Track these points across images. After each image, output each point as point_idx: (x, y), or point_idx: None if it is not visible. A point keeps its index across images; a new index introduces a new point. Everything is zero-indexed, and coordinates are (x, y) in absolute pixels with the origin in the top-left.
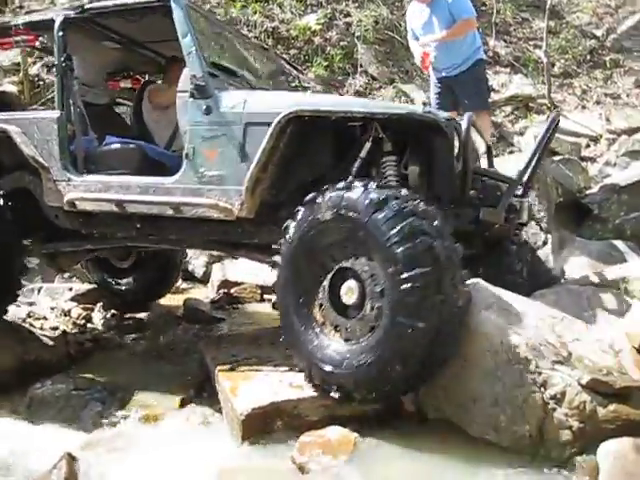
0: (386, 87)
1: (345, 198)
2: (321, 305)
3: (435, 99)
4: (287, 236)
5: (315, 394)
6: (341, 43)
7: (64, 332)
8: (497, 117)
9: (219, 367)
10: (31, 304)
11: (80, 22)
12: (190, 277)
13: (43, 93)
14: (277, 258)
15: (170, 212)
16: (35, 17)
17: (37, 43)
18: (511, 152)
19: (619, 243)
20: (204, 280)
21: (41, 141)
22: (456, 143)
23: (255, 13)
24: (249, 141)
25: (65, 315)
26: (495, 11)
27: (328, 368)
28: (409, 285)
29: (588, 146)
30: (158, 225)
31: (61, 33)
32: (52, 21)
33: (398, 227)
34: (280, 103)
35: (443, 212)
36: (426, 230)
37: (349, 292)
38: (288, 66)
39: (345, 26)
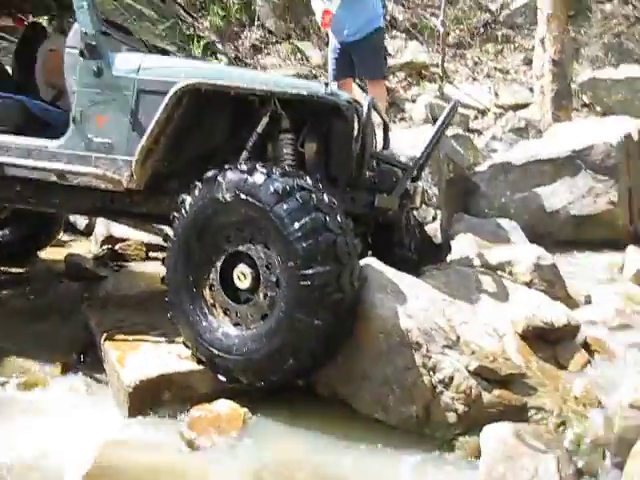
0: (282, 42)
1: (248, 182)
2: (212, 286)
3: (332, 63)
4: (182, 211)
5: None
6: None
7: None
8: (390, 83)
9: (105, 334)
10: None
11: None
12: (72, 229)
13: None
14: (169, 232)
15: (53, 179)
16: None
17: None
18: (402, 119)
19: (505, 222)
20: (87, 233)
21: None
22: (355, 125)
23: None
24: (142, 109)
25: None
26: None
27: (215, 351)
28: (308, 282)
29: (476, 118)
30: (40, 189)
31: None
32: None
33: (302, 221)
34: (177, 72)
35: (340, 195)
36: (329, 226)
37: (242, 277)
38: (183, 12)
39: None
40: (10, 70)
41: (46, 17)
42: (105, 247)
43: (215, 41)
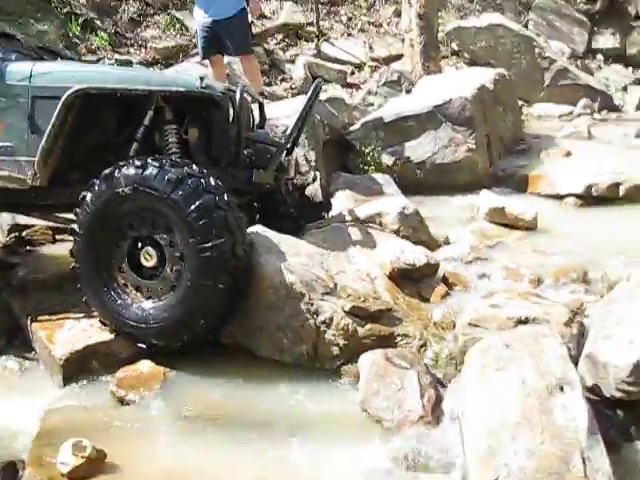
0: (161, 14)
1: (144, 175)
2: (121, 268)
3: (201, 41)
4: (85, 206)
5: None
6: None
7: None
8: (269, 45)
9: (30, 317)
10: None
11: None
12: None
13: None
14: (74, 226)
15: None
16: None
17: None
18: (283, 79)
19: (378, 176)
20: None
21: None
22: (231, 112)
23: None
24: (37, 114)
25: None
26: None
27: (133, 323)
28: (208, 253)
29: (353, 73)
30: None
31: None
32: None
33: (196, 203)
34: (67, 77)
35: (221, 174)
36: (220, 205)
37: (148, 257)
38: None
39: None
40: None
41: None
42: (12, 235)
43: (93, 17)
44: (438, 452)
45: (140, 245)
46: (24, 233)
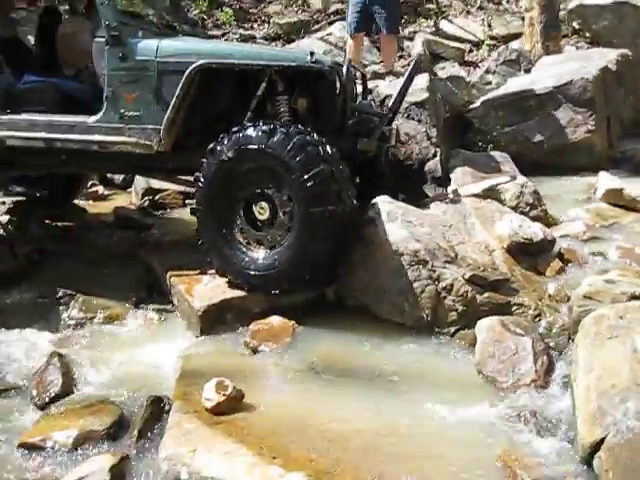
0: None
1: (270, 139)
2: (242, 229)
3: (354, 17)
4: (212, 156)
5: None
6: None
7: (10, 244)
8: None
9: (170, 272)
10: None
11: None
12: (110, 183)
13: None
14: (200, 178)
15: (95, 148)
16: None
17: None
18: (401, 56)
19: (496, 154)
20: (124, 187)
21: None
22: (337, 84)
23: None
24: (163, 86)
25: (3, 228)
26: None
27: (263, 274)
28: (311, 182)
29: (471, 51)
30: (82, 156)
31: None
32: None
33: (291, 145)
34: (190, 53)
35: (328, 141)
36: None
37: (262, 210)
38: None
39: None
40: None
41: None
42: (146, 198)
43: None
44: (548, 412)
45: (253, 203)
46: (157, 197)
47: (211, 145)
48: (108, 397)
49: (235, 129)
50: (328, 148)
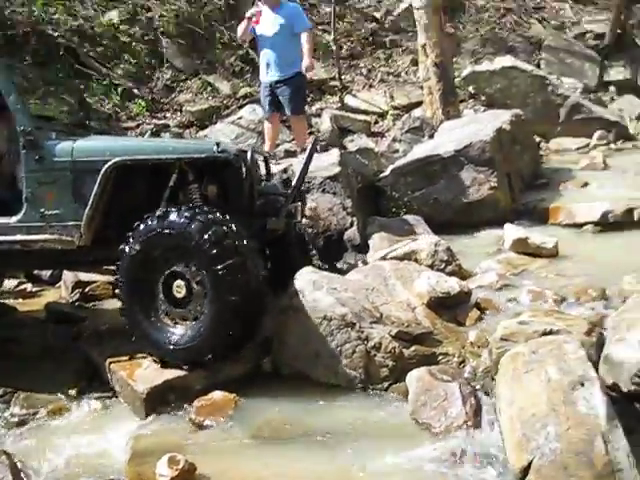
0: (192, 79)
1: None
2: (166, 312)
3: (264, 101)
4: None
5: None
6: (145, 38)
7: None
8: None
9: (109, 360)
10: None
11: None
12: (38, 280)
13: None
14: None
15: (17, 247)
16: None
17: None
18: (311, 132)
19: (409, 217)
20: (52, 282)
21: None
22: (244, 171)
23: (57, 12)
24: (80, 185)
25: None
26: None
27: (189, 346)
28: (224, 270)
29: (377, 122)
30: (5, 256)
31: None
32: None
33: (208, 233)
34: (103, 151)
35: (239, 223)
36: (228, 234)
37: (178, 289)
38: (97, 64)
39: (147, 21)
40: None
41: None
42: (77, 291)
43: (131, 86)
44: (480, 448)
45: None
46: (87, 289)
47: (120, 247)
48: None
49: (136, 224)
50: (245, 240)
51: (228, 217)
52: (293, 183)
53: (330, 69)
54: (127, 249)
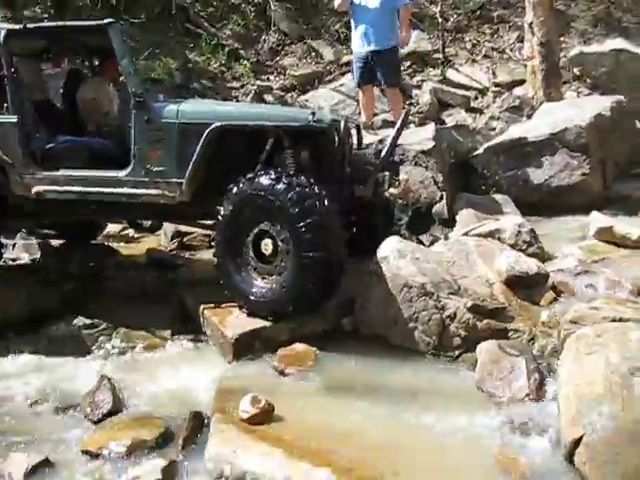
0: (297, 43)
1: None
2: (251, 263)
3: (357, 72)
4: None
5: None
6: (254, 0)
7: (53, 282)
8: None
9: (203, 305)
10: (14, 259)
11: (21, 35)
12: (139, 227)
13: None
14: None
15: (124, 199)
16: None
17: None
18: (410, 103)
19: (498, 196)
20: (152, 230)
21: (3, 142)
22: (336, 139)
23: None
24: (184, 145)
25: (46, 269)
26: None
27: (267, 299)
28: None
29: (476, 98)
30: (111, 206)
31: (6, 47)
32: None
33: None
34: (206, 115)
35: (329, 188)
36: (310, 194)
37: (266, 246)
38: (207, 24)
39: None
40: None
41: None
42: (175, 240)
43: (237, 47)
44: (538, 420)
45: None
46: (185, 239)
47: (216, 207)
48: (154, 414)
49: (229, 186)
50: (325, 201)
51: (312, 181)
52: (382, 153)
53: (434, 41)
54: (222, 209)
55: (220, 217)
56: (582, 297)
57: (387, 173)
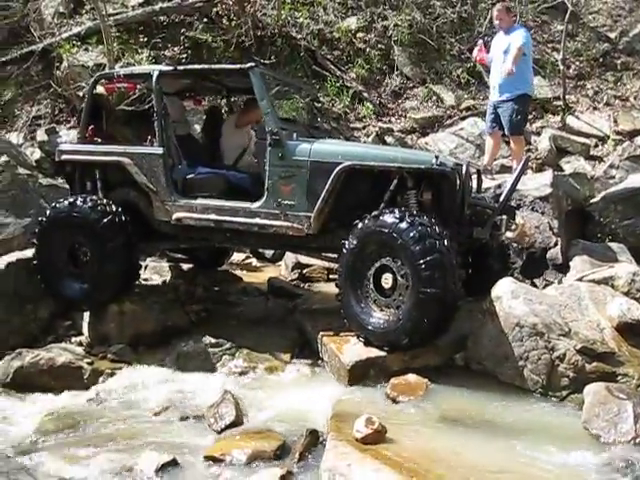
0: (419, 87)
1: (398, 225)
2: (375, 299)
3: (489, 118)
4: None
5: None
6: (379, 45)
7: (182, 302)
8: None
9: (322, 333)
10: (146, 279)
11: (171, 75)
12: (261, 257)
13: (126, 95)
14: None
15: (255, 229)
16: (135, 69)
17: (136, 90)
18: (529, 150)
19: (613, 245)
20: (273, 260)
21: (149, 171)
22: (458, 183)
23: (301, 16)
24: (314, 181)
25: (175, 290)
26: (518, 14)
27: (383, 330)
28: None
29: (596, 146)
30: (243, 235)
31: (158, 85)
32: (149, 75)
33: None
34: (336, 155)
35: (449, 229)
36: (431, 234)
37: (386, 280)
38: (333, 67)
39: (382, 29)
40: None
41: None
42: (296, 271)
43: (361, 90)
44: None
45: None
46: (305, 271)
47: (342, 241)
48: (272, 428)
49: (355, 222)
50: (445, 241)
51: (433, 221)
52: (501, 198)
53: (555, 88)
54: (347, 243)
55: (345, 250)
56: None
57: (505, 217)
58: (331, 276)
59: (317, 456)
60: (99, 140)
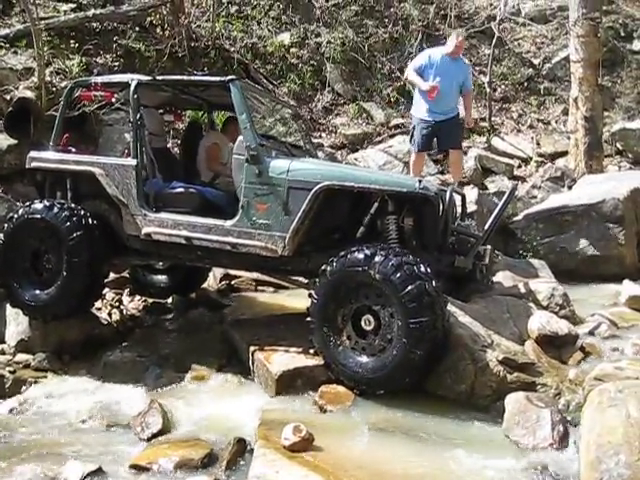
0: (349, 104)
1: (373, 260)
2: (349, 337)
3: (420, 137)
4: (323, 276)
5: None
6: (311, 61)
7: (108, 312)
8: None
9: (250, 343)
10: None
11: (149, 85)
12: None
13: (56, 99)
14: (312, 292)
15: (228, 248)
16: (113, 78)
17: (113, 99)
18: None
19: (535, 261)
20: None
21: (121, 183)
22: (440, 208)
23: (235, 29)
24: (291, 200)
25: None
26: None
27: (353, 372)
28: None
29: (520, 167)
30: (215, 254)
31: (135, 95)
32: (127, 84)
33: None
34: (315, 174)
35: (429, 257)
36: (429, 291)
37: (368, 322)
38: (265, 81)
39: (315, 45)
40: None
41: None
42: (223, 282)
43: (293, 105)
44: (560, 467)
45: (361, 313)
46: (233, 282)
47: (322, 267)
48: (200, 437)
49: (342, 253)
50: (422, 267)
51: (419, 259)
52: (486, 226)
53: (482, 110)
54: (327, 271)
55: (323, 278)
56: (609, 359)
57: (489, 247)
58: (259, 287)
59: (245, 464)
60: (73, 149)
